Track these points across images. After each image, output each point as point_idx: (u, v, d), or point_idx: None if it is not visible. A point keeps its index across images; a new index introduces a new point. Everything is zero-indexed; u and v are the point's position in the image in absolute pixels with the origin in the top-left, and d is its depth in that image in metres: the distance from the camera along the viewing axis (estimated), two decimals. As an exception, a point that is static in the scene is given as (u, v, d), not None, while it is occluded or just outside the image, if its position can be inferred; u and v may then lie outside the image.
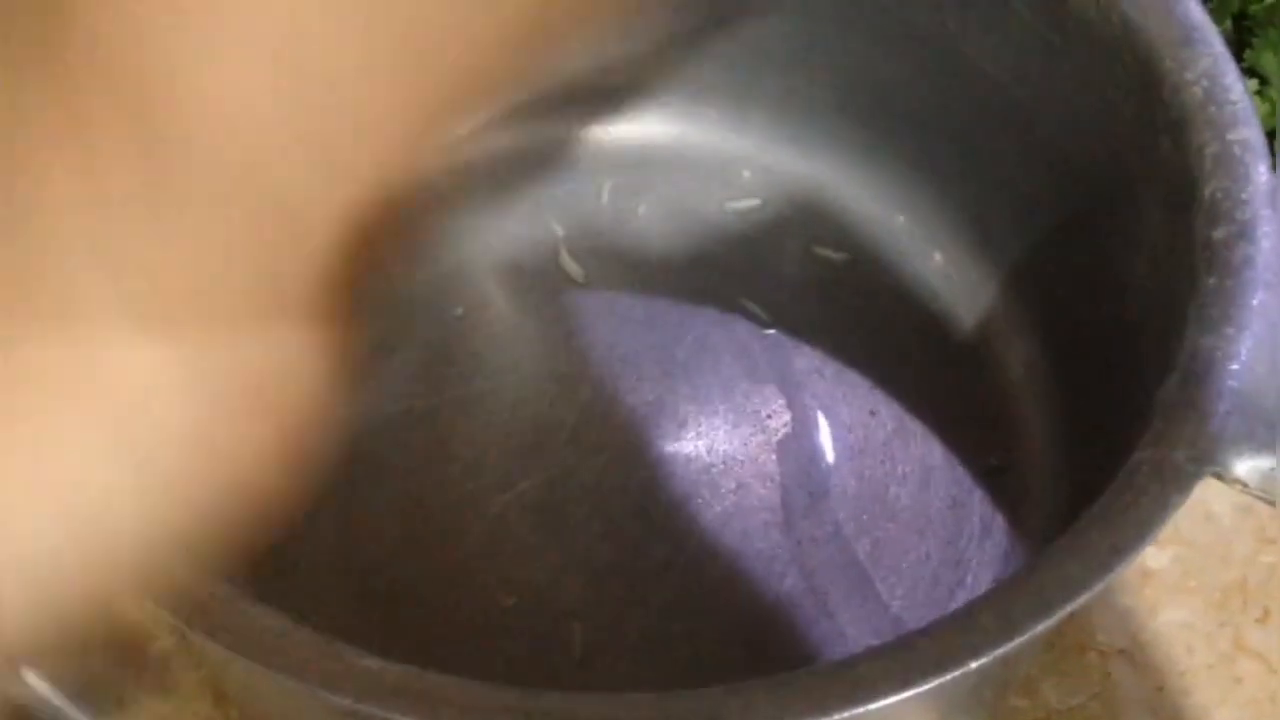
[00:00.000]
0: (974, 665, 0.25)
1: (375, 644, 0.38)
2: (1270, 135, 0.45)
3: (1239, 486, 0.27)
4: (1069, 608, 0.26)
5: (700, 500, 0.41)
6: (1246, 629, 0.40)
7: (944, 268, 0.44)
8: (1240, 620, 0.40)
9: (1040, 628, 0.26)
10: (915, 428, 0.42)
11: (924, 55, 0.42)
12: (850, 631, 0.39)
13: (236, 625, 0.25)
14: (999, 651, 0.25)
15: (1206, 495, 0.41)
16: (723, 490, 0.41)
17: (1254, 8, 0.45)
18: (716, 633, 0.39)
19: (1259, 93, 0.45)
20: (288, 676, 0.25)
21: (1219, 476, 0.28)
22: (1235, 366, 0.28)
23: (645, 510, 0.40)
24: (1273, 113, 0.45)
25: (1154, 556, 0.41)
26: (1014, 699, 0.39)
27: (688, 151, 0.46)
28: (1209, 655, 0.39)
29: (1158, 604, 0.40)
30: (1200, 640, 0.39)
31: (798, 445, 0.42)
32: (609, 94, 0.46)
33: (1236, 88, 0.32)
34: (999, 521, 0.41)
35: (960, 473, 0.41)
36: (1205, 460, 0.27)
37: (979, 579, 0.40)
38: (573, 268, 0.45)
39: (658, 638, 0.39)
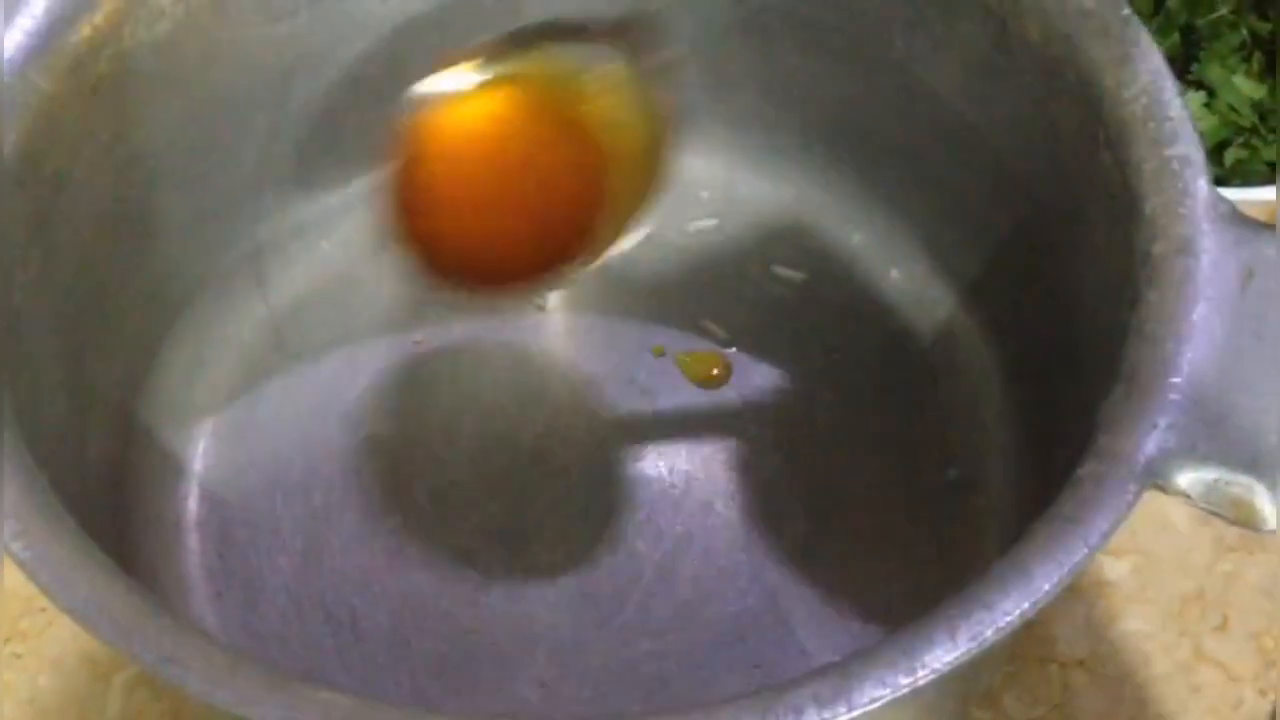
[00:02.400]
0: (922, 682, 0.26)
1: (337, 673, 0.38)
2: (1220, 146, 0.46)
3: (1183, 499, 0.28)
4: (1012, 622, 0.26)
5: (663, 520, 0.41)
6: (1205, 638, 0.40)
7: (900, 285, 0.44)
8: (1199, 629, 0.40)
9: (985, 642, 0.26)
10: (875, 444, 0.42)
11: (876, 75, 0.42)
12: (812, 648, 0.39)
13: (188, 658, 0.25)
14: (943, 668, 0.26)
15: (1164, 505, 0.42)
16: (685, 509, 0.41)
17: (1201, 21, 0.46)
18: (680, 653, 0.39)
19: (1207, 105, 0.45)
20: (240, 710, 0.25)
21: (1161, 489, 0.28)
22: (1176, 380, 0.29)
23: (608, 532, 0.41)
24: (1221, 125, 0.45)
25: (1112, 567, 0.41)
26: (976, 711, 0.39)
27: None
28: (1168, 665, 0.39)
29: (1116, 614, 0.40)
30: (1159, 650, 0.40)
31: (758, 463, 0.42)
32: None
33: (1175, 104, 0.33)
34: (958, 536, 0.41)
35: (919, 488, 0.42)
36: (1147, 474, 0.28)
37: (939, 594, 0.40)
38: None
39: (622, 659, 0.39)
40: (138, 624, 0.25)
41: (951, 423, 0.42)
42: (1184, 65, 0.46)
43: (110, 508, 0.39)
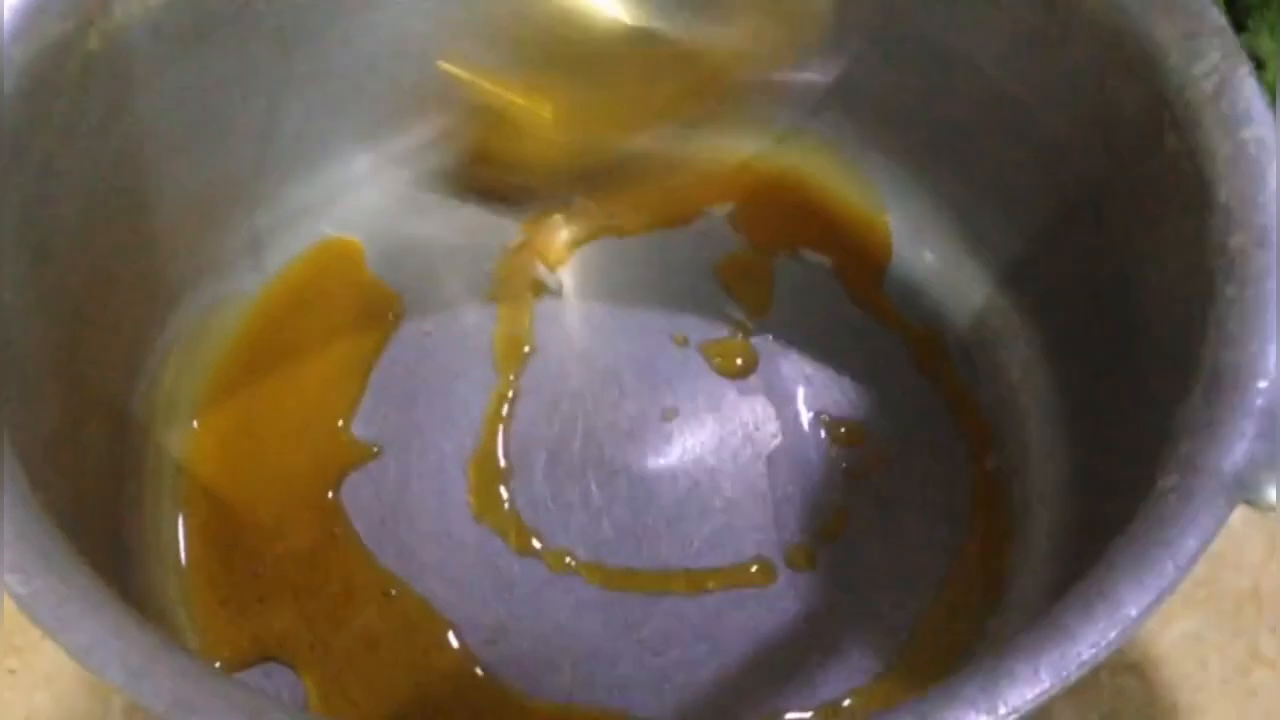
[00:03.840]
0: (1002, 718, 0.24)
1: (352, 688, 0.36)
2: (1267, 120, 0.44)
3: (1273, 514, 0.26)
4: (1099, 654, 0.24)
5: (690, 520, 0.39)
6: (1261, 638, 0.38)
7: (934, 267, 0.42)
8: (1254, 629, 0.38)
9: (1071, 677, 0.24)
10: (909, 434, 0.41)
11: (913, 48, 0.40)
12: (851, 652, 0.37)
13: (203, 702, 0.23)
14: (1026, 706, 0.24)
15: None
16: (713, 508, 0.39)
17: (1248, -12, 0.43)
18: (711, 660, 0.37)
19: (1255, 78, 0.43)
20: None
21: (1251, 503, 0.26)
22: (1263, 384, 0.27)
23: (632, 533, 0.39)
24: (1270, 99, 0.43)
25: (1162, 566, 0.39)
26: (1023, 720, 0.37)
27: (665, 153, 0.45)
28: (1223, 668, 0.38)
29: (1168, 616, 0.39)
30: (1213, 652, 0.38)
31: (788, 457, 0.40)
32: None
33: (1249, 82, 0.31)
34: (1000, 528, 0.39)
35: (959, 478, 0.40)
36: (1237, 488, 0.26)
37: (983, 590, 0.38)
38: (548, 278, 0.43)
39: (651, 668, 0.37)
40: (148, 665, 0.23)
41: (991, 410, 0.41)
42: (1231, 35, 0.44)
43: (108, 510, 0.37)
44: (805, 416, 0.41)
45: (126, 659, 0.23)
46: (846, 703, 0.36)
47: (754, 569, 0.38)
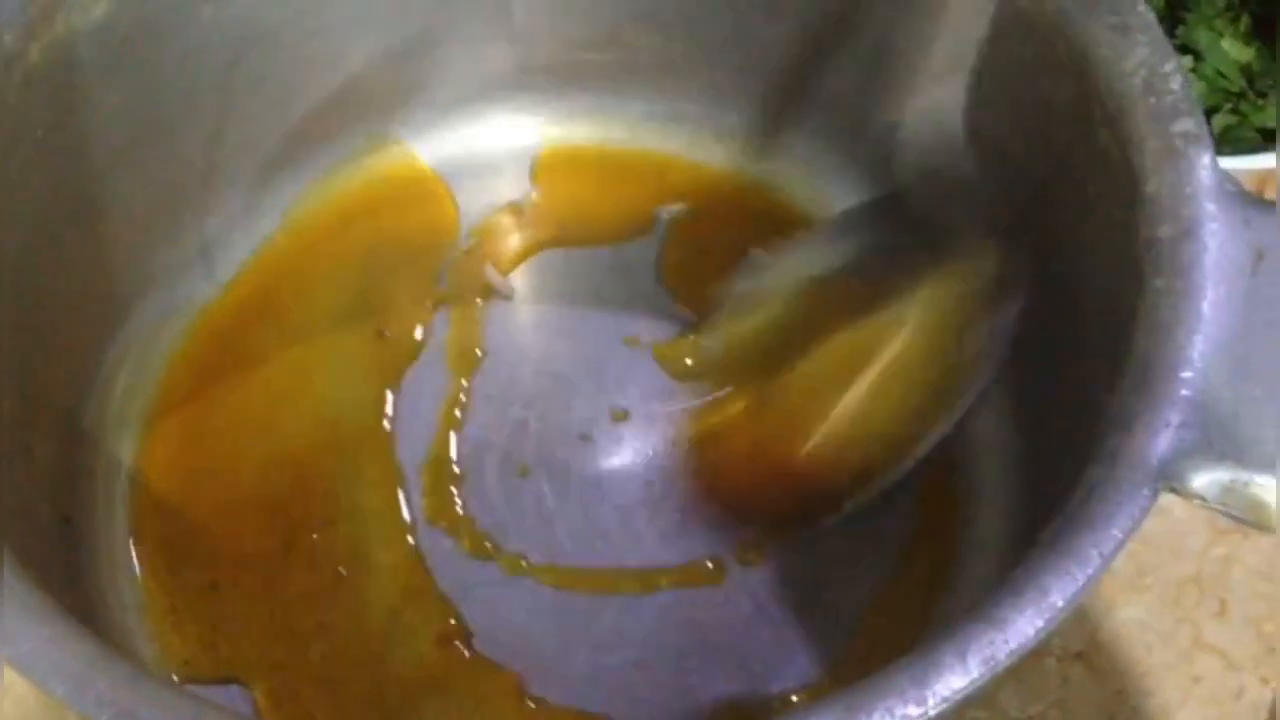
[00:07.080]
0: (933, 712, 0.24)
1: (306, 695, 0.36)
2: (1207, 113, 0.45)
3: (1198, 501, 0.26)
4: (1026, 644, 0.25)
5: (641, 520, 0.39)
6: (1205, 624, 0.39)
7: (882, 264, 0.43)
8: (1197, 615, 0.39)
9: (999, 666, 0.24)
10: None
11: (855, 48, 0.40)
12: (801, 646, 0.38)
13: (147, 712, 0.23)
14: (955, 695, 0.24)
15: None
16: (665, 507, 0.40)
17: (1186, -18, 0.44)
18: (666, 659, 0.37)
19: (1192, 70, 0.44)
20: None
21: (1176, 492, 0.26)
22: (1188, 374, 0.27)
23: (585, 534, 0.39)
24: (1209, 90, 0.44)
25: (1108, 554, 0.40)
26: (972, 710, 0.38)
27: (616, 154, 0.45)
28: (1167, 654, 0.38)
29: (1113, 603, 0.39)
30: (1158, 639, 0.39)
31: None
32: (533, 97, 0.45)
33: (1177, 77, 0.31)
34: (944, 522, 0.39)
35: (907, 474, 0.40)
36: (1160, 477, 0.26)
37: (929, 582, 0.39)
38: (499, 282, 0.43)
39: (605, 667, 0.37)
40: (90, 675, 0.23)
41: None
42: (1169, 29, 0.44)
43: (57, 518, 0.37)
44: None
45: (67, 669, 0.24)
46: (795, 698, 0.37)
47: (706, 566, 0.39)
